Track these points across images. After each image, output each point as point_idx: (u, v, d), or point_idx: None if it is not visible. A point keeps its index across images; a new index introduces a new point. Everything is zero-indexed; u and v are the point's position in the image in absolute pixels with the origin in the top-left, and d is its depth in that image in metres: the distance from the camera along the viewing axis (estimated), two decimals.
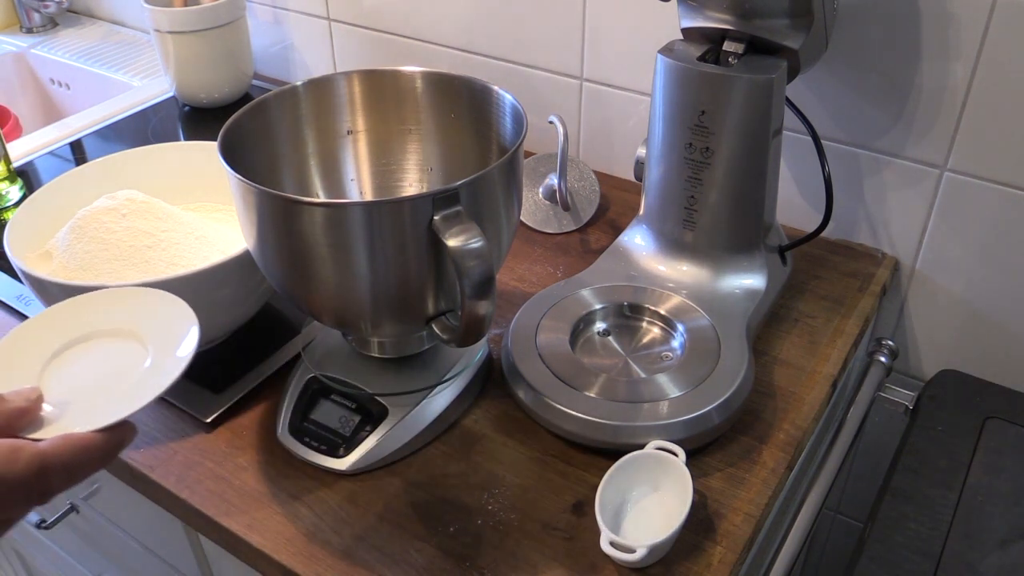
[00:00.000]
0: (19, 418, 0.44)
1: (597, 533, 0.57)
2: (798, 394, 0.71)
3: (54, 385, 0.48)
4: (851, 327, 0.78)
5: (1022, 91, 0.73)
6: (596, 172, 0.95)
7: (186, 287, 0.65)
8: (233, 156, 0.59)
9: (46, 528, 0.93)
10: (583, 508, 0.62)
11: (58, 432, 0.44)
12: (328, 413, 0.66)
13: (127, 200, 0.73)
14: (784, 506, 0.71)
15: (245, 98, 1.19)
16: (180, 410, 0.71)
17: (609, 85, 0.96)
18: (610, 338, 0.73)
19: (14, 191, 0.99)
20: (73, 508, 0.93)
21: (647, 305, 0.74)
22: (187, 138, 1.13)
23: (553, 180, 0.91)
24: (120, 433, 0.45)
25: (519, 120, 0.63)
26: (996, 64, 0.73)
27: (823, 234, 0.78)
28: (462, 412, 0.69)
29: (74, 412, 0.46)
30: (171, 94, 1.20)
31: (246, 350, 0.75)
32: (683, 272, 0.77)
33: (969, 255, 0.82)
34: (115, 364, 0.50)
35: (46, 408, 0.46)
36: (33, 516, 0.95)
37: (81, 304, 0.54)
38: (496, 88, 0.67)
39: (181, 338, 0.51)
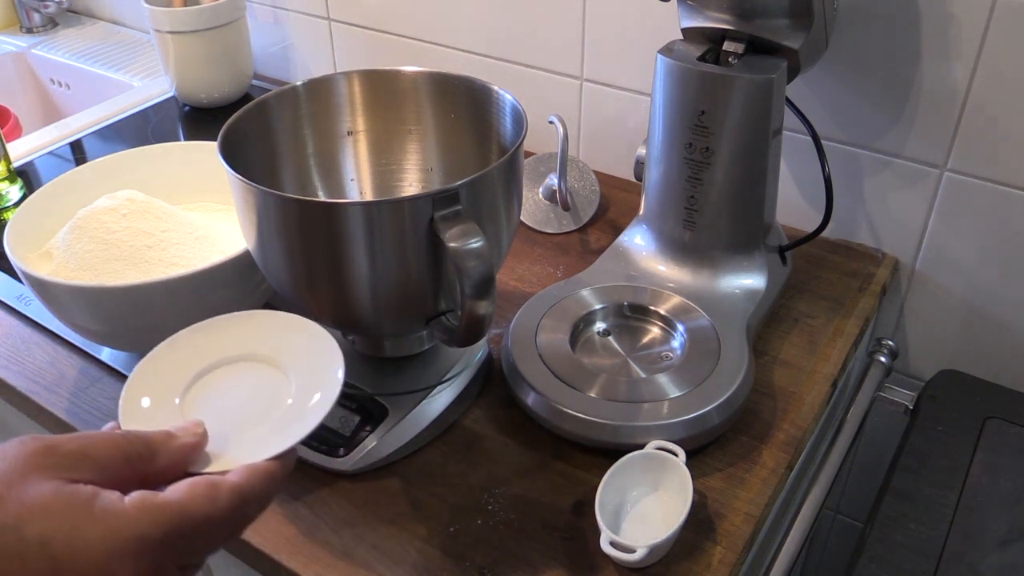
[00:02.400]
0: (191, 453, 0.44)
1: (597, 533, 0.57)
2: (798, 394, 0.71)
3: (198, 415, 0.48)
4: (851, 327, 0.78)
5: (1022, 91, 0.73)
6: (596, 172, 0.95)
7: (186, 287, 0.65)
8: (233, 156, 0.59)
9: None
10: (583, 508, 0.62)
11: (228, 465, 0.44)
12: (328, 413, 0.66)
13: (127, 200, 0.73)
14: (784, 506, 0.71)
15: (245, 98, 1.19)
16: None
17: (609, 85, 0.96)
18: (610, 338, 0.73)
19: (14, 191, 0.99)
20: None
21: (647, 305, 0.74)
22: (187, 138, 1.13)
23: (553, 180, 0.91)
24: (289, 458, 0.46)
25: (519, 120, 0.63)
26: (996, 64, 0.73)
27: (823, 234, 0.77)
28: (462, 412, 0.69)
29: (237, 443, 0.46)
30: (171, 94, 1.20)
31: None
32: (683, 272, 0.77)
33: (969, 255, 0.82)
34: (253, 391, 0.50)
35: None
36: None
37: (207, 330, 0.54)
38: (496, 88, 0.67)
39: (322, 360, 0.51)
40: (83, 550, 0.37)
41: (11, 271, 0.85)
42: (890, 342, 0.85)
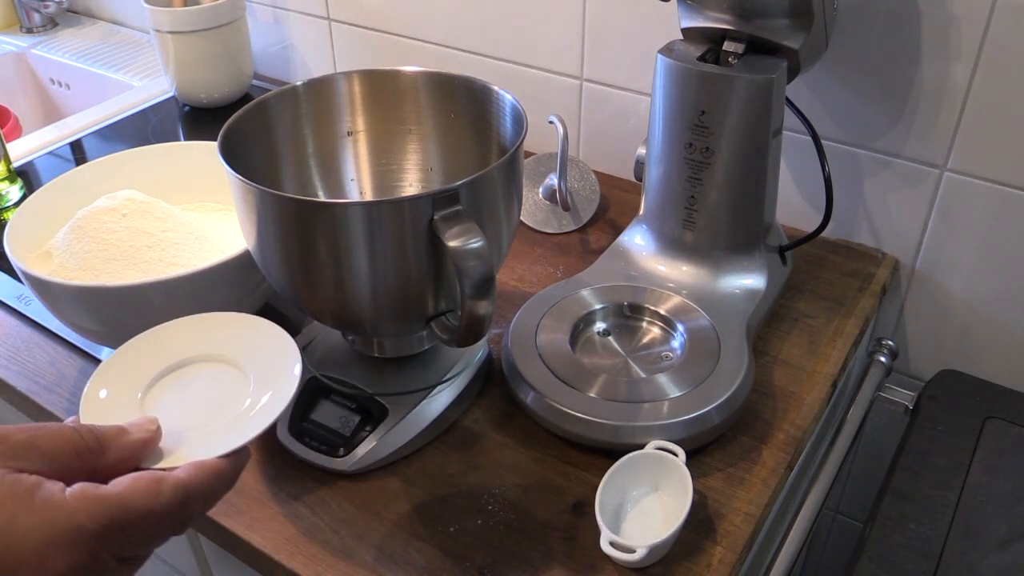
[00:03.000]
0: (142, 449, 0.45)
1: (597, 533, 0.57)
2: (798, 394, 0.71)
3: (157, 411, 0.49)
4: (851, 327, 0.78)
5: (1022, 91, 0.73)
6: (596, 172, 0.95)
7: (186, 287, 0.65)
8: (233, 156, 0.59)
9: None
10: (583, 508, 0.62)
11: (179, 461, 0.45)
12: (328, 413, 0.66)
13: (127, 200, 0.73)
14: (784, 506, 0.71)
15: (245, 98, 1.19)
16: None
17: (609, 85, 0.96)
18: (610, 338, 0.73)
19: (14, 191, 0.99)
20: None
21: (647, 305, 0.74)
22: (187, 138, 1.13)
23: (553, 180, 0.91)
24: (241, 457, 0.46)
25: (519, 120, 0.63)
26: (996, 64, 0.73)
27: (823, 234, 0.77)
28: (462, 412, 0.69)
29: (190, 441, 0.47)
30: (171, 94, 1.20)
31: None
32: (683, 272, 0.77)
33: (969, 255, 0.82)
34: (215, 390, 0.51)
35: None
36: None
37: (170, 331, 0.55)
38: (496, 88, 0.67)
39: (280, 359, 0.52)
40: (18, 539, 0.38)
41: (11, 271, 0.85)
42: (890, 342, 0.85)
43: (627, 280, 0.77)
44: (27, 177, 1.03)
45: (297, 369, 0.51)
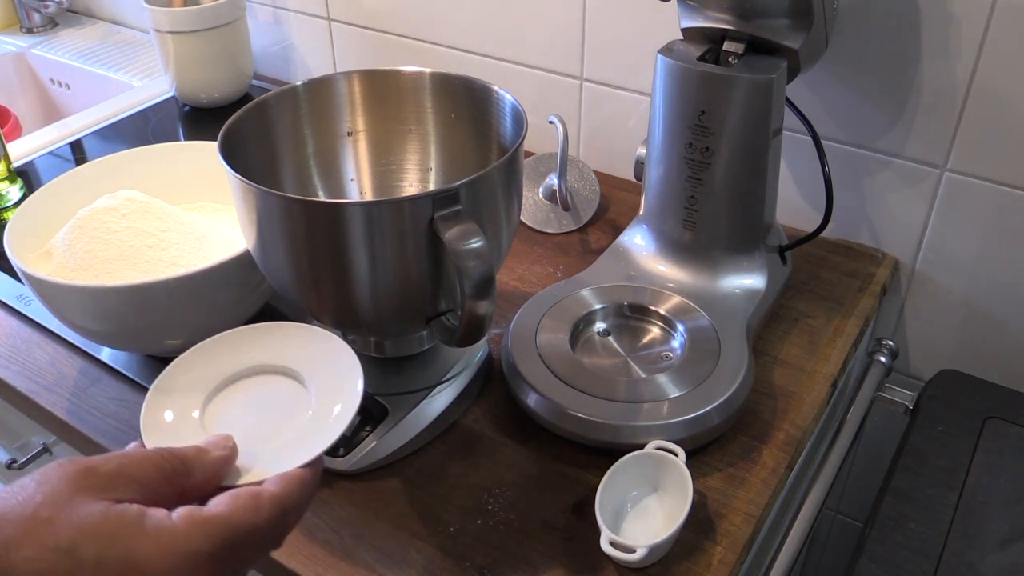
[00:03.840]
0: (223, 467, 0.45)
1: (597, 533, 0.57)
2: (798, 394, 0.71)
3: (220, 428, 0.49)
4: (851, 327, 0.78)
5: (1022, 91, 0.73)
6: (596, 172, 0.95)
7: (186, 287, 0.65)
8: (233, 156, 0.59)
9: None
10: (583, 508, 0.62)
11: (259, 476, 0.45)
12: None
13: (127, 200, 0.73)
14: (784, 506, 0.71)
15: (245, 98, 1.19)
16: None
17: (609, 85, 0.96)
18: (610, 338, 0.73)
19: (14, 191, 0.99)
20: None
21: (647, 305, 0.74)
22: (187, 138, 1.13)
23: (553, 180, 0.91)
24: (318, 466, 0.47)
25: (519, 120, 0.63)
26: (996, 64, 0.73)
27: (823, 234, 0.77)
28: (462, 412, 0.69)
29: (263, 454, 0.47)
30: (171, 94, 1.20)
31: None
32: (683, 272, 0.77)
33: (969, 255, 0.82)
34: (272, 402, 0.51)
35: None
36: None
37: (216, 346, 0.55)
38: (496, 88, 0.67)
39: (340, 370, 0.52)
40: (139, 569, 0.38)
41: (11, 271, 0.85)
42: (890, 342, 0.85)
43: (627, 280, 0.77)
44: (27, 177, 1.03)
45: (359, 376, 0.51)
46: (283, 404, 0.51)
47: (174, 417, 0.50)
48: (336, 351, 0.53)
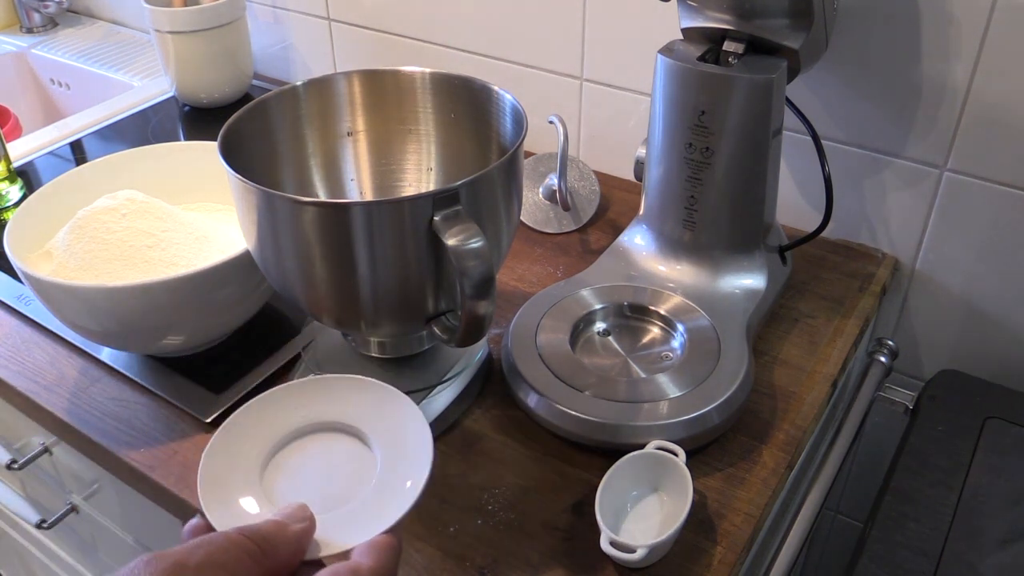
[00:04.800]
0: (305, 540, 0.44)
1: (597, 533, 0.57)
2: (798, 394, 0.71)
3: (286, 495, 0.47)
4: (851, 327, 0.78)
5: (1022, 91, 0.73)
6: (596, 172, 0.95)
7: (186, 287, 0.65)
8: (233, 156, 0.59)
9: (46, 528, 0.93)
10: (583, 508, 0.62)
11: (340, 548, 0.44)
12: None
13: (127, 200, 0.73)
14: (784, 506, 0.71)
15: (245, 98, 1.19)
16: (180, 410, 0.71)
17: (609, 85, 0.96)
18: (610, 338, 0.73)
19: (14, 191, 0.99)
20: (73, 508, 0.93)
21: (647, 305, 0.74)
22: (187, 138, 1.13)
23: (553, 180, 0.91)
24: (399, 531, 0.46)
25: (519, 120, 0.63)
26: (996, 64, 0.73)
27: (823, 234, 0.78)
28: (462, 412, 0.69)
29: (339, 522, 0.45)
30: (171, 94, 1.20)
31: (246, 350, 0.75)
32: (683, 272, 0.77)
33: (969, 255, 0.82)
34: (338, 460, 0.49)
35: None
36: (33, 516, 0.95)
37: (273, 400, 0.53)
38: (496, 88, 0.67)
39: (397, 416, 0.50)
40: None
41: (11, 271, 0.85)
42: (890, 342, 0.85)
43: (627, 280, 0.77)
44: (27, 177, 1.03)
45: (427, 433, 0.49)
46: (346, 463, 0.49)
47: (234, 487, 0.47)
48: (387, 397, 0.51)
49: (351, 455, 0.50)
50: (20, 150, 1.09)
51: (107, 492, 0.84)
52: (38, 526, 0.93)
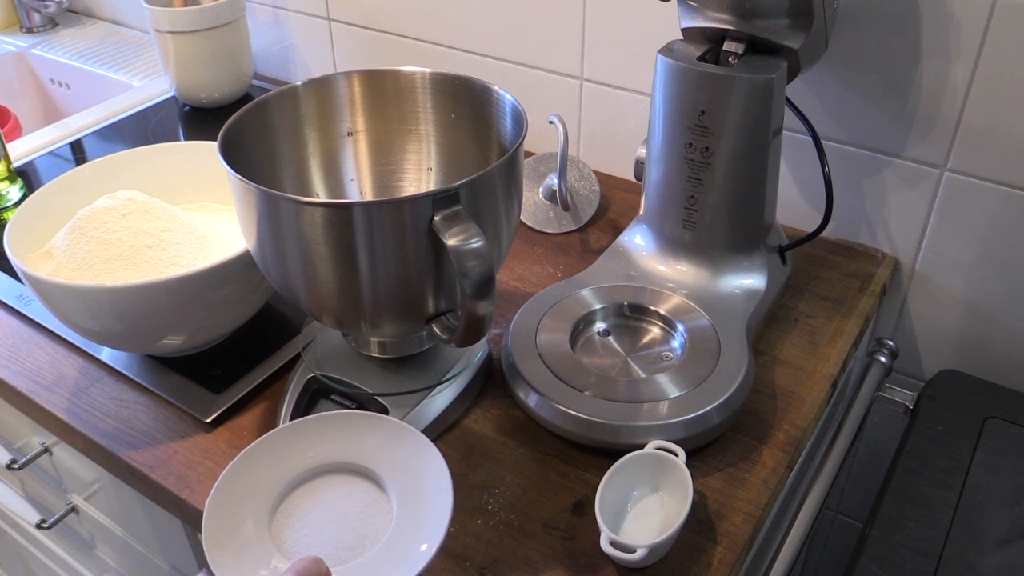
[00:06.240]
0: None
1: (597, 533, 0.57)
2: (798, 394, 0.71)
3: (296, 541, 0.46)
4: (851, 327, 0.78)
5: (1022, 91, 0.73)
6: (596, 172, 0.95)
7: (186, 287, 0.65)
8: (233, 156, 0.59)
9: (46, 528, 0.93)
10: (583, 508, 0.62)
11: None
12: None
13: (127, 200, 0.73)
14: (784, 506, 0.71)
15: (245, 98, 1.19)
16: (180, 410, 0.71)
17: (609, 85, 0.96)
18: (610, 338, 0.73)
19: (14, 191, 0.99)
20: (73, 508, 0.93)
21: (647, 305, 0.74)
22: (187, 138, 1.13)
23: (553, 180, 0.91)
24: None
25: (519, 120, 0.63)
26: (996, 64, 0.73)
27: (823, 234, 0.78)
28: (462, 412, 0.69)
29: (354, 572, 0.44)
30: (171, 94, 1.20)
31: (246, 350, 0.75)
32: (683, 272, 0.77)
33: (969, 255, 0.82)
34: (349, 505, 0.47)
35: None
36: (33, 516, 0.95)
37: (280, 439, 0.50)
38: (496, 88, 0.67)
39: (412, 459, 0.48)
40: None
41: (11, 271, 0.85)
42: (890, 342, 0.85)
43: (627, 280, 0.77)
44: (27, 177, 1.03)
45: (448, 487, 0.47)
46: (360, 508, 0.47)
47: (242, 537, 0.46)
48: (403, 435, 0.49)
49: (365, 499, 0.48)
50: (20, 150, 1.09)
51: (107, 492, 0.84)
52: (38, 526, 0.93)
